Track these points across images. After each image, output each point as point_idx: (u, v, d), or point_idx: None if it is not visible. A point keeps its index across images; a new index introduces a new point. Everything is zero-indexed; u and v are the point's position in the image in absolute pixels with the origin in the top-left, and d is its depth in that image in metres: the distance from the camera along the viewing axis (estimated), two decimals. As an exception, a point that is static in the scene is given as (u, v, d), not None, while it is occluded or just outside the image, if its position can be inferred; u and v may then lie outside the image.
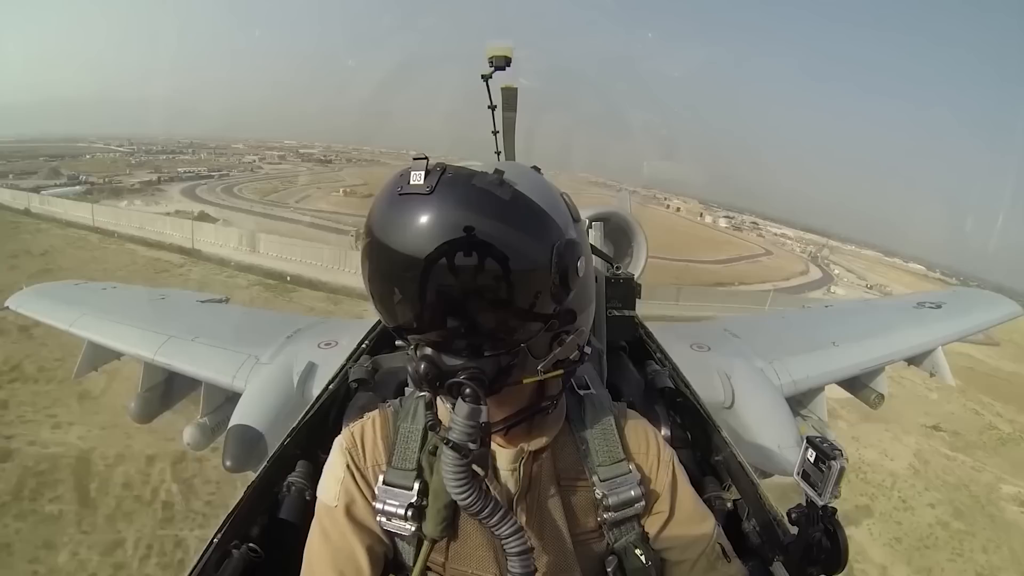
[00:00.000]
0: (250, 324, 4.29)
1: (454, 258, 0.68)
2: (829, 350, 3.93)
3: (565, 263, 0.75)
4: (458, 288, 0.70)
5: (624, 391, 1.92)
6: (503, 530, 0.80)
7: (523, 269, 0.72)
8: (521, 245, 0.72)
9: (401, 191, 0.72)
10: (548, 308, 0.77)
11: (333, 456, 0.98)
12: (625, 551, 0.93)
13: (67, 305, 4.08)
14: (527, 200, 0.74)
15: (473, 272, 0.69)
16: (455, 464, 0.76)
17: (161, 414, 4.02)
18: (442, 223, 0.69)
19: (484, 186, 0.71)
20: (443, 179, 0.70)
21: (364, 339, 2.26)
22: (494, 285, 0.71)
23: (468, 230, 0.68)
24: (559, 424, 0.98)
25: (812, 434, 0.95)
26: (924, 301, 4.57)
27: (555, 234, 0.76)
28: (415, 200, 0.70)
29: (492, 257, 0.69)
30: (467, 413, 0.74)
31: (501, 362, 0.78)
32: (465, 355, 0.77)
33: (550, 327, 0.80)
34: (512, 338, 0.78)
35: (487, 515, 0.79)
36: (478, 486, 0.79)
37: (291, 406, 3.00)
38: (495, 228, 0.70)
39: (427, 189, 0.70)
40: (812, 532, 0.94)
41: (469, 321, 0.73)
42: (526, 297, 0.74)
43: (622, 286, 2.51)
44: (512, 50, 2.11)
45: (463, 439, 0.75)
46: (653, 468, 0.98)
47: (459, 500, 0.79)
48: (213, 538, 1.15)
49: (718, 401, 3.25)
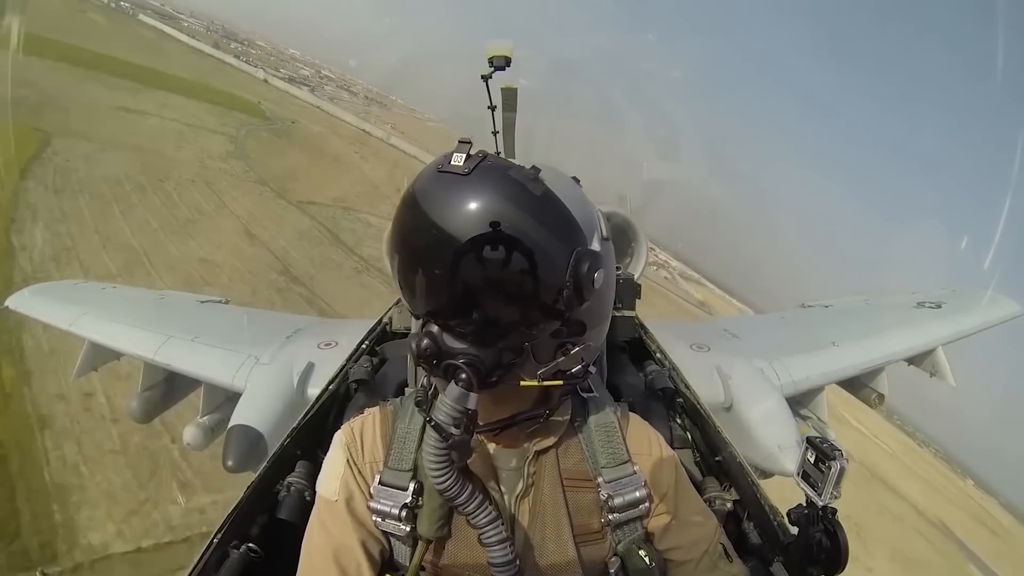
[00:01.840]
0: (250, 324, 4.28)
1: (474, 241, 0.70)
2: (829, 350, 3.91)
3: (582, 271, 0.76)
4: (472, 271, 0.71)
5: (624, 391, 1.92)
6: (479, 519, 0.83)
7: (538, 265, 0.73)
8: (542, 241, 0.73)
9: (441, 168, 0.74)
10: (557, 312, 0.77)
11: (333, 451, 0.99)
12: (628, 552, 0.94)
13: (67, 305, 4.07)
14: (557, 201, 0.76)
15: (489, 257, 0.71)
16: (435, 445, 0.78)
17: (161, 414, 4.02)
18: (470, 204, 0.71)
19: (518, 178, 0.73)
20: (482, 164, 0.73)
21: (364, 339, 2.26)
22: (507, 274, 0.72)
23: (493, 216, 0.70)
24: (564, 426, 0.98)
25: (812, 434, 0.95)
26: (924, 301, 4.55)
27: (578, 240, 0.77)
28: (451, 179, 0.73)
29: (510, 246, 0.71)
30: (456, 396, 0.76)
31: (502, 358, 0.79)
32: (469, 341, 0.78)
33: (556, 333, 0.81)
34: (516, 333, 0.78)
35: (463, 501, 0.82)
36: (455, 472, 0.80)
37: (291, 406, 3.00)
38: (520, 219, 0.71)
39: (465, 171, 0.72)
40: (812, 532, 0.94)
41: (475, 305, 0.74)
42: (536, 294, 0.74)
43: (622, 286, 2.51)
44: (512, 50, 2.10)
45: (447, 421, 0.76)
46: (656, 470, 0.99)
47: (436, 484, 0.80)
48: (213, 538, 1.15)
49: (718, 401, 3.24)
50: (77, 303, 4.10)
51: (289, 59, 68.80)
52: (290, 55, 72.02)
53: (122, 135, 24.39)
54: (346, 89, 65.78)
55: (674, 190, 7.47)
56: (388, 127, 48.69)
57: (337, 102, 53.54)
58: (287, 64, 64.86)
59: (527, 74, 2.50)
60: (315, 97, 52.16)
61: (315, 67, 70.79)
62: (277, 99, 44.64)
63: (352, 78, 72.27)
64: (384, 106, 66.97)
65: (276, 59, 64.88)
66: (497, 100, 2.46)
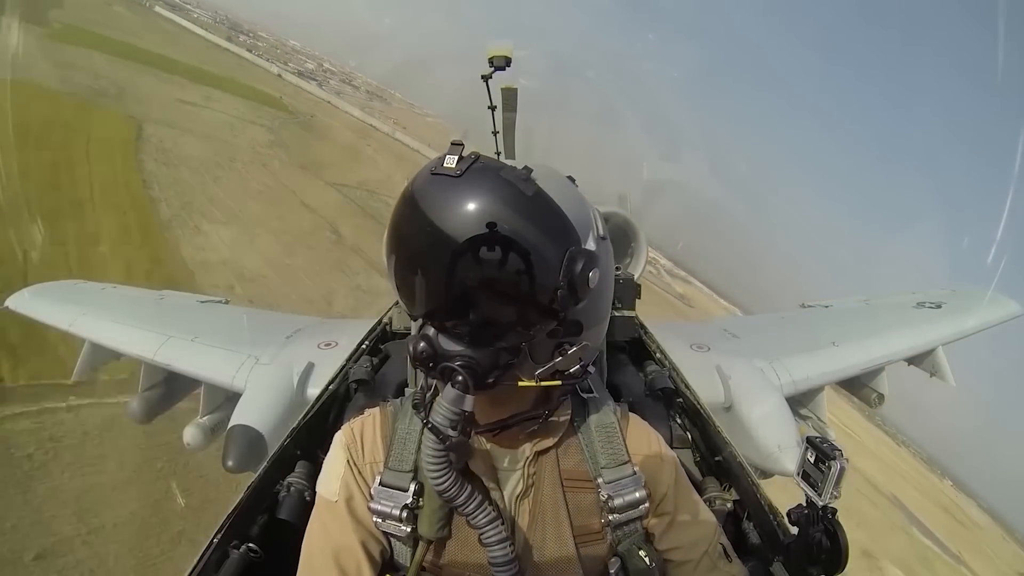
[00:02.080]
0: (250, 324, 4.28)
1: (466, 242, 0.70)
2: (829, 350, 3.91)
3: (576, 270, 0.75)
4: (464, 271, 0.72)
5: (624, 391, 1.92)
6: (479, 519, 0.83)
7: (531, 265, 0.73)
8: (534, 241, 0.73)
9: (434, 170, 0.74)
10: (552, 312, 0.77)
11: (333, 452, 0.99)
12: (629, 552, 0.94)
13: (67, 305, 4.07)
14: (549, 200, 0.76)
15: (483, 258, 0.71)
16: (433, 447, 0.79)
17: (161, 414, 4.02)
18: (462, 205, 0.71)
19: (510, 178, 0.73)
20: (474, 166, 0.73)
21: (364, 339, 2.26)
22: (500, 274, 0.72)
23: (485, 217, 0.70)
24: (564, 426, 0.98)
25: (812, 434, 0.95)
26: (924, 301, 4.55)
27: (571, 240, 0.77)
28: (444, 181, 0.73)
29: (503, 247, 0.71)
30: (452, 399, 0.76)
31: (499, 359, 0.79)
32: (465, 342, 0.78)
33: (553, 333, 0.81)
34: (512, 334, 0.78)
35: (463, 502, 0.82)
36: (454, 473, 0.81)
37: (291, 406, 3.00)
38: (511, 219, 0.71)
39: (457, 172, 0.72)
40: (812, 532, 0.94)
41: (470, 306, 0.74)
42: (531, 294, 0.74)
43: (622, 286, 2.50)
44: (512, 50, 2.10)
45: (444, 423, 0.77)
46: (656, 470, 0.99)
47: (435, 485, 0.81)
48: (213, 538, 1.15)
49: (718, 401, 3.24)
50: (77, 303, 4.09)
51: (292, 52, 69.44)
52: (291, 47, 72.42)
53: (189, 123, 28.61)
54: (348, 83, 66.24)
55: (673, 190, 7.48)
56: (391, 122, 49.59)
57: (342, 96, 54.97)
58: (293, 57, 65.46)
59: (527, 74, 2.50)
60: (324, 92, 53.78)
61: (317, 60, 71.31)
62: (292, 93, 48.09)
63: (353, 71, 72.74)
64: (384, 100, 68.13)
65: (281, 52, 65.68)
66: (497, 100, 2.46)
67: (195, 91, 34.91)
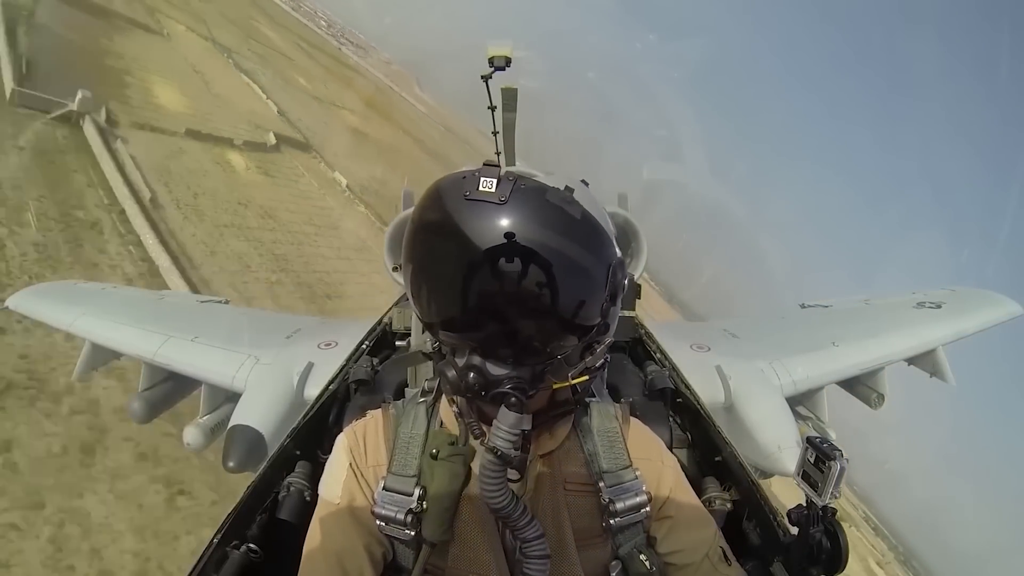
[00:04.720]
0: (250, 324, 4.28)
1: (526, 270, 0.70)
2: (829, 350, 3.91)
3: (617, 281, 0.78)
4: (526, 302, 0.72)
5: (624, 391, 1.92)
6: (528, 533, 0.83)
7: (586, 287, 0.75)
8: (588, 264, 0.74)
9: (469, 195, 0.72)
10: (594, 321, 0.79)
11: (336, 454, 0.99)
12: (630, 556, 0.94)
13: (67, 305, 4.07)
14: (593, 220, 0.77)
15: (541, 287, 0.71)
16: (494, 469, 0.78)
17: (161, 414, 4.02)
18: (517, 235, 0.70)
19: (557, 203, 0.73)
20: (516, 189, 0.71)
21: (364, 339, 2.26)
22: (560, 302, 0.73)
23: (541, 248, 0.70)
24: (566, 429, 0.99)
25: (812, 434, 0.94)
26: (924, 301, 4.54)
27: (611, 253, 0.78)
28: (488, 208, 0.71)
29: (560, 273, 0.71)
30: (512, 422, 0.76)
31: (536, 369, 0.80)
32: (510, 363, 0.78)
33: (589, 338, 0.82)
34: (560, 350, 0.80)
35: (517, 518, 0.82)
36: (510, 491, 0.81)
37: (291, 406, 3.00)
38: (566, 246, 0.72)
39: (500, 199, 0.70)
40: (812, 532, 0.93)
41: (530, 333, 0.75)
42: (582, 312, 0.76)
43: None
44: (512, 50, 2.09)
45: (507, 447, 0.77)
46: (657, 474, 0.99)
47: (493, 504, 0.81)
48: (213, 538, 1.15)
49: (718, 401, 3.24)
50: (77, 303, 4.09)
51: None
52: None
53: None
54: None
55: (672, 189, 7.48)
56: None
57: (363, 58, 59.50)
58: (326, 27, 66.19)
59: (527, 74, 2.49)
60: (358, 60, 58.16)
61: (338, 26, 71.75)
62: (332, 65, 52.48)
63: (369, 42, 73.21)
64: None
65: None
66: (497, 100, 2.46)
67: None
